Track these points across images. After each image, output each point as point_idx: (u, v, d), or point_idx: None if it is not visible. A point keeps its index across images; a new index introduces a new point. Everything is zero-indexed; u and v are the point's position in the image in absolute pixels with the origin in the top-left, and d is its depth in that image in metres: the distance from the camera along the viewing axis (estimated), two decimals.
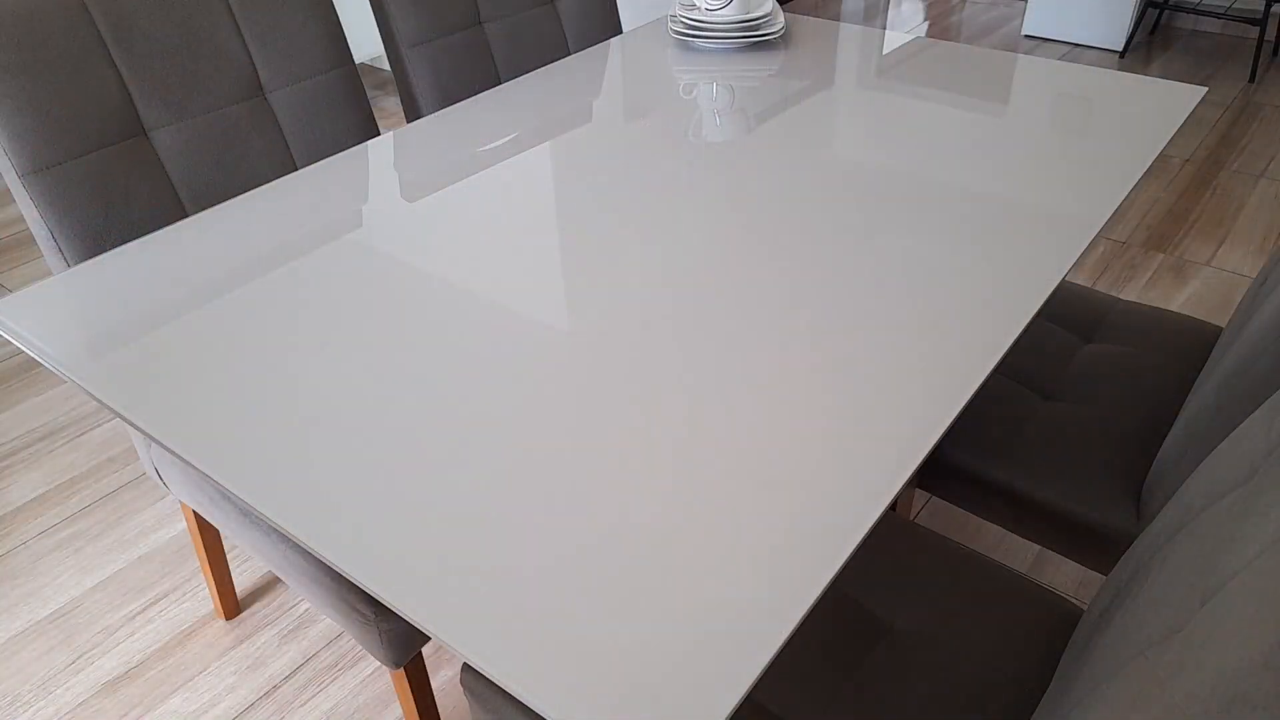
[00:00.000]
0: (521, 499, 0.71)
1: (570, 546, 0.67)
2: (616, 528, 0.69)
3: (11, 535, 1.68)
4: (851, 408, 0.79)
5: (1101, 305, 1.36)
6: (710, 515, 0.69)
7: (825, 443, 0.75)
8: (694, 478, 0.72)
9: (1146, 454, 1.09)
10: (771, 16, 1.60)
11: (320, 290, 0.97)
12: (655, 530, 0.68)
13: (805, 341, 0.87)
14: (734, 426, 0.77)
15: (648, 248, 1.02)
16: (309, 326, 0.92)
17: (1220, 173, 2.78)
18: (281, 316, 0.93)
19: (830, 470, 0.73)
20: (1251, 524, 0.54)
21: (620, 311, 0.92)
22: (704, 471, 0.73)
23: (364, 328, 0.90)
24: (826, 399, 0.80)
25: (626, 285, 0.96)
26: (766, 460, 0.74)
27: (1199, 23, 3.97)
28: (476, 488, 0.73)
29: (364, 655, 1.44)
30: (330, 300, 0.95)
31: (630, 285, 0.96)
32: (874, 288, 0.94)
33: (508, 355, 0.86)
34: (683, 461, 0.74)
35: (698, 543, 0.67)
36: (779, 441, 0.76)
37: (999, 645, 0.90)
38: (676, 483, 0.72)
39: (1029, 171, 1.15)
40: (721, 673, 0.58)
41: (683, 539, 0.68)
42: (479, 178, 1.18)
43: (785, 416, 0.78)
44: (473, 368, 0.84)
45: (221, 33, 1.26)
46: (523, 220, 1.08)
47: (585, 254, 1.01)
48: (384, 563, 0.67)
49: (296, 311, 0.94)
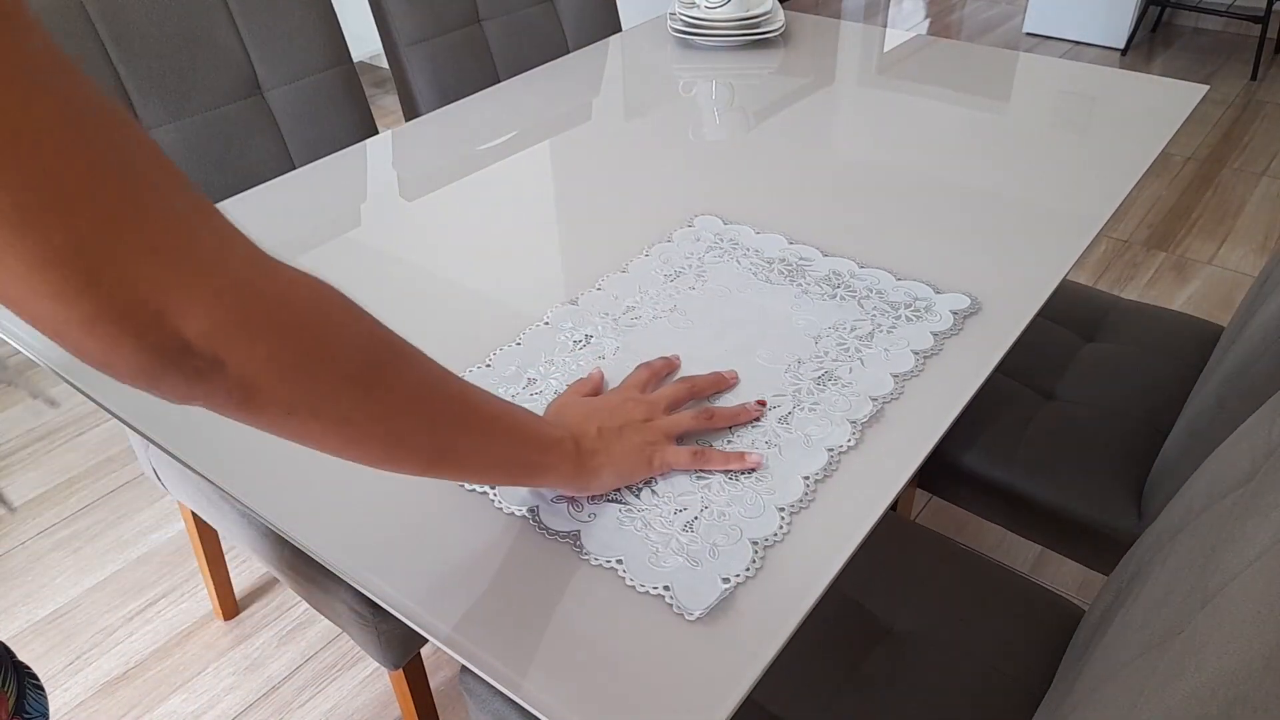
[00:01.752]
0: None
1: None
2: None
3: (10, 535, 1.67)
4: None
5: (1103, 304, 1.35)
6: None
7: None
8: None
9: (1148, 453, 1.09)
10: (771, 14, 1.60)
11: None
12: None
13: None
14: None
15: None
16: None
17: (1222, 171, 2.78)
18: None
19: (832, 471, 0.72)
20: (1252, 524, 0.54)
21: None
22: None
23: None
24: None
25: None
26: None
27: (1200, 20, 3.97)
28: (475, 487, 0.72)
29: (363, 656, 1.43)
30: None
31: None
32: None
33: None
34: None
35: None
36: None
37: (1000, 645, 0.89)
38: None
39: (1030, 170, 1.15)
40: (721, 673, 0.58)
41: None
42: (478, 176, 1.17)
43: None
44: (471, 366, 0.84)
45: (219, 31, 1.25)
46: (521, 219, 1.08)
47: (584, 254, 1.01)
48: (382, 564, 0.66)
49: None
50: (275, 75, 1.32)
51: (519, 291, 0.95)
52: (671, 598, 0.62)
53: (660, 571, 0.64)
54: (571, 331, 0.88)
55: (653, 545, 0.66)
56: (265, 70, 1.31)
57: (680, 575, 0.64)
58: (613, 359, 0.84)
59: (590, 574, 0.65)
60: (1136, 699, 0.51)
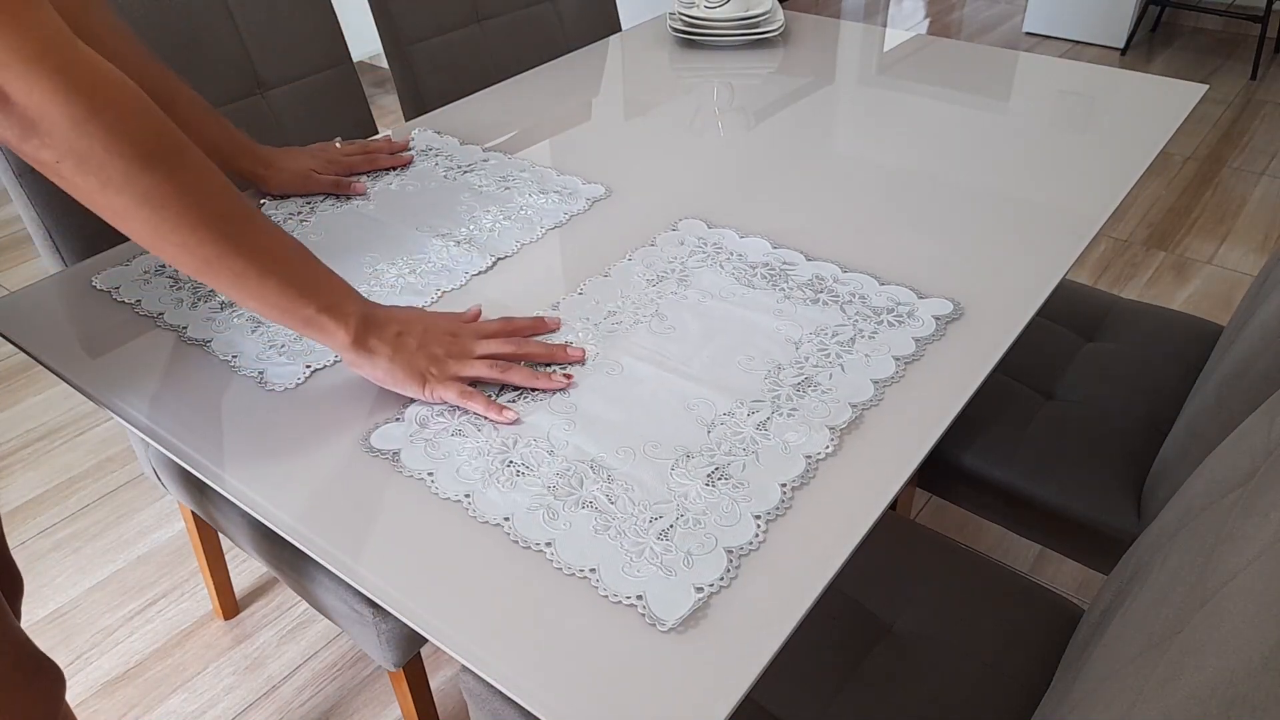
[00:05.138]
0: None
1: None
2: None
3: (10, 535, 1.67)
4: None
5: (1102, 304, 1.35)
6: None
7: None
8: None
9: (1148, 453, 1.09)
10: (771, 14, 1.60)
11: None
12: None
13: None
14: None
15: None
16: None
17: (1222, 170, 2.78)
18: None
19: (830, 470, 0.72)
20: (1252, 524, 0.54)
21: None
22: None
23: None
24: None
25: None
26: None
27: (1200, 20, 3.97)
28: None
29: (363, 656, 1.43)
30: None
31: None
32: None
33: None
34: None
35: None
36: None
37: (999, 645, 0.89)
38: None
39: (1030, 169, 1.15)
40: (721, 673, 0.58)
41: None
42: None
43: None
44: None
45: (219, 31, 1.25)
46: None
47: (583, 253, 1.01)
48: (381, 564, 0.66)
49: None
50: (275, 75, 1.32)
51: (504, 296, 0.95)
52: (644, 608, 0.62)
53: (634, 580, 0.64)
54: (550, 337, 0.87)
55: (626, 554, 0.66)
56: (265, 70, 1.31)
57: (654, 584, 0.64)
58: (592, 364, 0.84)
59: (590, 574, 0.65)
60: (1136, 699, 0.51)
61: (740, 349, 0.85)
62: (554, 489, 0.71)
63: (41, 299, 0.97)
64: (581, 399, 0.80)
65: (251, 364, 0.86)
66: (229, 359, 0.87)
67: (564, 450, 0.75)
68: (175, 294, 0.96)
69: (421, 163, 1.20)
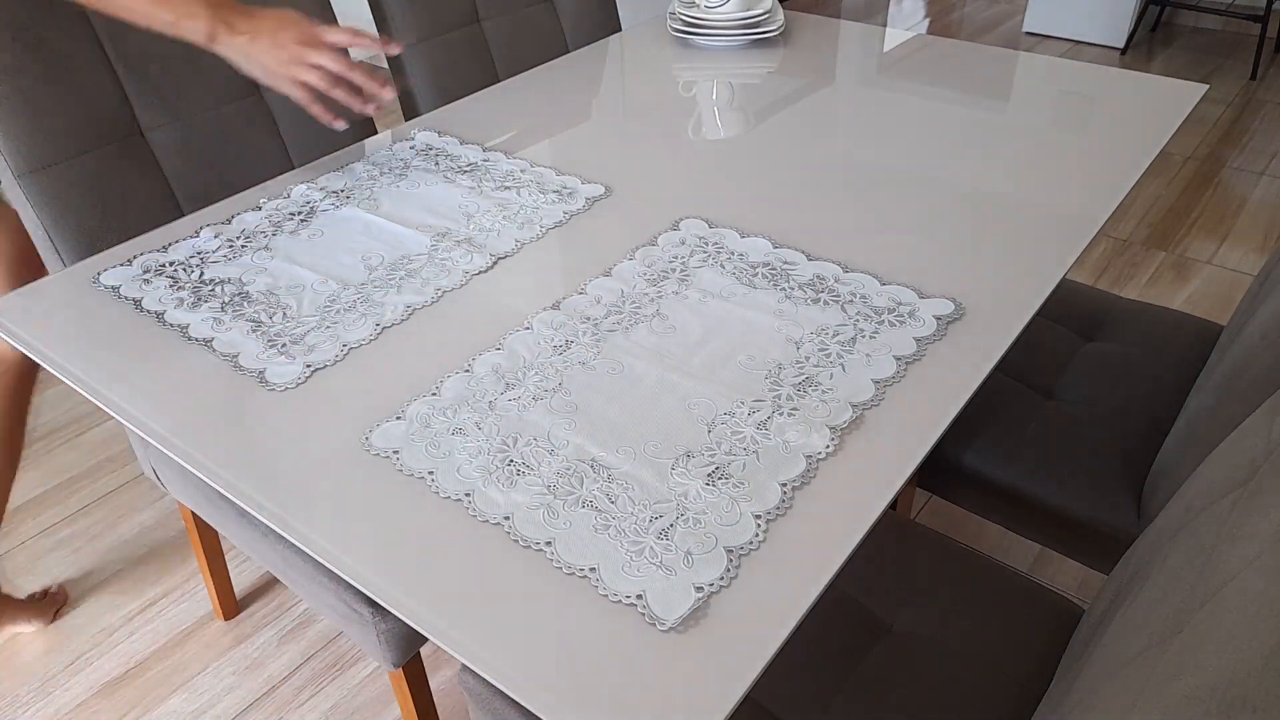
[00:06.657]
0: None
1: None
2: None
3: (10, 535, 1.67)
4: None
5: (1102, 304, 1.35)
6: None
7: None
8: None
9: (1148, 453, 1.09)
10: (771, 14, 1.60)
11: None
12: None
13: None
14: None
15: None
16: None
17: (1222, 170, 2.78)
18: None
19: (830, 470, 0.72)
20: (1251, 524, 0.54)
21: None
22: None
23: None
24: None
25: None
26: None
27: (1200, 20, 3.96)
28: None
29: (362, 655, 1.43)
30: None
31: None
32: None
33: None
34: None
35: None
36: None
37: (999, 645, 0.89)
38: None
39: (1030, 169, 1.15)
40: (721, 673, 0.58)
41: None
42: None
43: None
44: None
45: None
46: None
47: (583, 253, 1.01)
48: (381, 563, 0.66)
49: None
50: None
51: (504, 295, 0.95)
52: (644, 607, 0.62)
53: (634, 580, 0.64)
54: (552, 336, 0.87)
55: (626, 553, 0.66)
56: None
57: (653, 584, 0.64)
58: (594, 363, 0.84)
59: (589, 574, 0.65)
60: (1136, 698, 0.51)
61: (741, 348, 0.85)
62: (554, 488, 0.71)
63: (41, 298, 0.97)
64: (582, 398, 0.80)
65: (251, 364, 0.86)
66: (229, 358, 0.87)
67: (564, 449, 0.75)
68: (176, 293, 0.96)
69: (421, 163, 1.20)
